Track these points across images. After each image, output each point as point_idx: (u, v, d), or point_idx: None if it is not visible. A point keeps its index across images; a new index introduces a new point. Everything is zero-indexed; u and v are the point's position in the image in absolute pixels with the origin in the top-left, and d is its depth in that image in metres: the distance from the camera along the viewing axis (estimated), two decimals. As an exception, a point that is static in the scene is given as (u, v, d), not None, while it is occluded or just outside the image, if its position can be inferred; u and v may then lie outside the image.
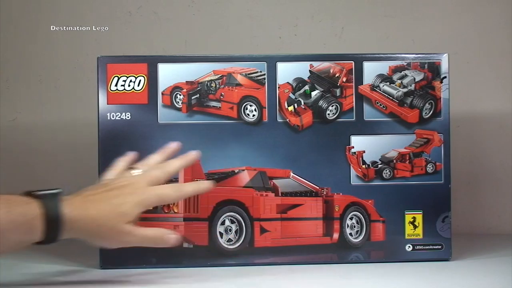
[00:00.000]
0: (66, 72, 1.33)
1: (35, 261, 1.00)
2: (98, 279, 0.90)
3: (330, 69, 1.01)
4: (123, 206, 0.83)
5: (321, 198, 1.00)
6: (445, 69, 1.01)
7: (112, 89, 0.98)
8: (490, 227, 1.32)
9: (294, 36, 1.34)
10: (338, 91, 1.01)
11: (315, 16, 1.34)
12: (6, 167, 1.31)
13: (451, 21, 1.33)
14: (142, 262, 0.96)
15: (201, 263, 0.96)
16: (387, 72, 1.01)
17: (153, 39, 1.33)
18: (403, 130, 1.01)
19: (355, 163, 1.00)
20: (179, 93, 0.99)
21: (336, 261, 1.00)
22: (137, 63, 0.99)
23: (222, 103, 0.99)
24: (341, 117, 1.00)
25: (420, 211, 1.01)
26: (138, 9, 1.34)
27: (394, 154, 1.01)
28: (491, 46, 1.33)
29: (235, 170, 0.99)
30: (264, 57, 1.00)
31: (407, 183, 1.01)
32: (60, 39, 1.33)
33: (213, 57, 1.01)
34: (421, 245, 1.01)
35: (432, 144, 1.01)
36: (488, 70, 1.33)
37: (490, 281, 0.87)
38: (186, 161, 0.92)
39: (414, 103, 1.01)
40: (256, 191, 0.99)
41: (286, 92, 1.00)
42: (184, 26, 1.33)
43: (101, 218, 0.82)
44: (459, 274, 0.92)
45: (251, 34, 1.33)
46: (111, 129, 0.98)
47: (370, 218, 1.00)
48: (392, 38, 1.33)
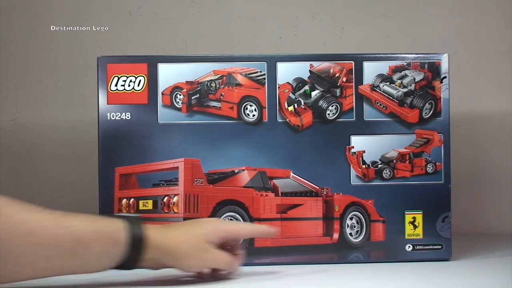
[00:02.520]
0: (66, 72, 1.33)
1: (35, 261, 1.00)
2: (98, 279, 0.90)
3: (330, 69, 1.01)
4: (203, 227, 0.86)
5: (321, 198, 1.00)
6: (445, 69, 1.01)
7: (112, 89, 0.98)
8: (490, 227, 1.32)
9: (294, 36, 1.34)
10: (338, 91, 1.01)
11: (315, 16, 1.34)
12: (6, 167, 1.31)
13: (451, 21, 1.33)
14: (142, 262, 0.96)
15: (201, 263, 0.96)
16: (387, 72, 1.01)
17: (153, 39, 1.33)
18: (403, 130, 1.01)
19: (355, 163, 1.00)
20: (179, 93, 0.99)
21: (336, 261, 1.00)
22: (137, 63, 0.99)
23: (222, 103, 0.99)
24: (341, 117, 1.00)
25: (420, 211, 1.01)
26: (138, 9, 1.34)
27: (394, 154, 1.01)
28: (491, 46, 1.33)
29: (235, 170, 0.99)
30: (264, 57, 1.00)
31: (407, 183, 1.01)
32: (60, 39, 1.33)
33: (213, 57, 1.01)
34: (421, 245, 1.01)
35: (432, 144, 1.01)
36: (488, 70, 1.33)
37: (490, 281, 0.87)
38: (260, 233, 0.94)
39: (414, 103, 1.01)
40: (256, 191, 0.99)
41: (286, 92, 1.00)
42: (184, 26, 1.33)
43: (182, 237, 0.84)
44: (459, 274, 0.92)
45: (251, 34, 1.34)
46: (111, 129, 0.98)
47: (370, 218, 1.00)
48: (392, 38, 1.33)
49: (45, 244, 0.76)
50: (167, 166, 0.98)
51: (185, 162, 0.97)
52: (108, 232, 0.79)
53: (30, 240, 0.75)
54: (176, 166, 0.97)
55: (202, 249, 0.84)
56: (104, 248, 0.79)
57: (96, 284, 0.86)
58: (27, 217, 0.76)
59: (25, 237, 0.75)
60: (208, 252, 0.84)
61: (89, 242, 0.78)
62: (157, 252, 0.82)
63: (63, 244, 0.77)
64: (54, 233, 0.76)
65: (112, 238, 0.79)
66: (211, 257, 0.85)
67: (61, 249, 0.77)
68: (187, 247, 0.84)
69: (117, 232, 0.80)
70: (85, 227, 0.78)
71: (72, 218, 0.78)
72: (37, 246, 0.76)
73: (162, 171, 0.98)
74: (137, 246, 0.81)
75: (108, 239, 0.79)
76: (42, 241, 0.76)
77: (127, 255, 0.80)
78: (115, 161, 0.97)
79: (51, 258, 0.77)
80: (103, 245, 0.79)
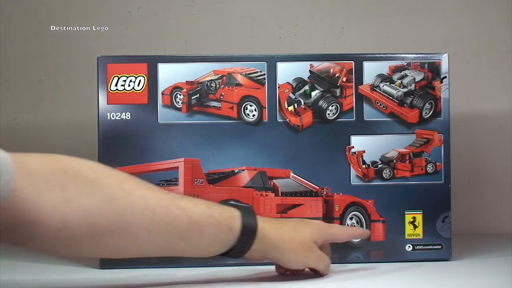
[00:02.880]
0: (66, 72, 1.33)
1: (35, 261, 1.00)
2: (98, 279, 0.90)
3: (330, 69, 1.01)
4: (310, 227, 0.87)
5: (321, 198, 1.00)
6: (445, 69, 1.01)
7: (112, 89, 0.98)
8: (490, 227, 1.32)
9: (294, 36, 1.34)
10: (338, 91, 1.01)
11: (315, 16, 1.34)
12: (6, 167, 1.31)
13: (451, 21, 1.33)
14: (142, 262, 0.96)
15: (201, 263, 0.96)
16: (387, 72, 1.01)
17: (153, 39, 1.33)
18: (403, 130, 1.01)
19: (355, 163, 1.00)
20: (179, 93, 0.99)
21: (336, 261, 0.99)
22: (137, 63, 0.99)
23: (222, 103, 0.99)
24: (341, 117, 1.00)
25: (420, 211, 1.01)
26: (138, 9, 1.34)
27: (394, 154, 1.01)
28: (491, 46, 1.33)
29: (235, 170, 0.99)
30: (264, 57, 1.00)
31: (407, 183, 1.01)
32: (60, 39, 1.33)
33: (213, 57, 1.01)
34: (421, 245, 1.01)
35: (432, 144, 1.01)
36: (488, 70, 1.33)
37: (490, 281, 0.87)
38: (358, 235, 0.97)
39: (414, 103, 1.01)
40: (256, 191, 0.99)
41: (286, 92, 1.00)
42: (184, 26, 1.33)
43: (291, 233, 0.85)
44: (459, 274, 0.92)
45: (251, 34, 1.34)
46: (111, 129, 0.98)
47: (370, 218, 1.00)
48: (392, 38, 1.33)
49: (163, 223, 0.76)
50: (167, 166, 0.98)
51: (185, 162, 0.97)
52: (224, 219, 0.80)
53: (150, 217, 0.75)
54: (176, 166, 0.98)
55: (308, 248, 0.85)
56: (217, 233, 0.79)
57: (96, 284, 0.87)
58: (147, 194, 0.76)
59: (145, 213, 0.75)
60: (313, 252, 0.86)
61: (204, 226, 0.78)
62: (265, 244, 0.83)
63: (179, 225, 0.77)
64: (173, 213, 0.77)
65: (226, 225, 0.80)
66: (315, 257, 0.86)
67: (177, 229, 0.77)
68: (295, 244, 0.84)
69: (231, 220, 0.80)
70: (202, 211, 0.79)
71: (188, 201, 0.79)
72: (156, 224, 0.76)
73: (162, 171, 0.98)
74: (248, 236, 0.81)
75: (223, 226, 0.80)
76: (161, 219, 0.76)
77: (237, 243, 0.81)
78: (115, 161, 0.97)
79: (167, 237, 0.77)
80: (217, 231, 0.79)
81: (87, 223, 0.72)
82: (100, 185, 0.74)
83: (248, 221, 0.81)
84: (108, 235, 0.74)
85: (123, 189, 0.75)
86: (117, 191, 0.74)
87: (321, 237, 0.87)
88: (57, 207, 0.70)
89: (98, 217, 0.73)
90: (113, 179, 0.75)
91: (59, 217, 0.70)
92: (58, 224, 0.71)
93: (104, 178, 0.75)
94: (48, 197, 0.70)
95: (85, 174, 0.74)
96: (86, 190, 0.72)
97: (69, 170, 0.73)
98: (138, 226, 0.75)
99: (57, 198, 0.71)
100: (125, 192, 0.75)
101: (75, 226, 0.71)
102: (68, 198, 0.71)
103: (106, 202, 0.73)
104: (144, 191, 0.76)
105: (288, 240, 0.84)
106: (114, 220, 0.73)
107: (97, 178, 0.74)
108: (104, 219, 0.73)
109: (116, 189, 0.74)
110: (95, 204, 0.72)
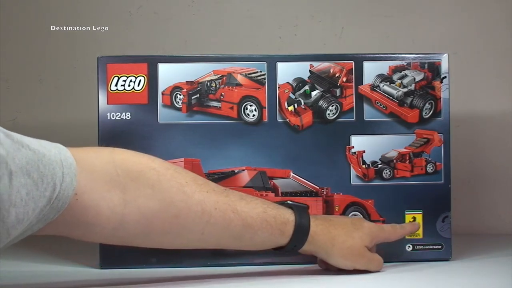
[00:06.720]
0: (66, 72, 1.34)
1: (35, 261, 1.00)
2: (98, 279, 0.90)
3: (330, 69, 1.01)
4: (362, 230, 0.89)
5: (321, 198, 1.00)
6: (445, 69, 1.01)
7: (112, 89, 0.98)
8: (490, 227, 1.32)
9: (294, 36, 1.34)
10: (338, 91, 1.01)
11: (315, 16, 1.34)
12: (6, 167, 1.31)
13: (451, 21, 1.33)
14: (142, 262, 0.96)
15: (201, 263, 0.96)
16: (387, 72, 1.01)
17: (153, 39, 1.33)
18: (403, 130, 1.01)
19: (355, 163, 1.00)
20: (179, 93, 0.99)
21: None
22: (137, 63, 0.99)
23: (222, 103, 0.99)
24: (341, 117, 1.00)
25: (420, 211, 1.01)
26: (138, 9, 1.34)
27: (394, 154, 1.01)
28: (491, 46, 1.33)
29: (235, 170, 0.99)
30: (264, 57, 1.00)
31: (407, 183, 1.01)
32: (60, 39, 1.33)
33: (213, 57, 1.01)
34: (421, 245, 1.01)
35: (432, 144, 1.01)
36: (488, 70, 1.33)
37: (490, 281, 0.87)
38: (408, 233, 0.98)
39: (414, 103, 1.01)
40: (256, 191, 0.99)
41: (286, 92, 1.00)
42: (184, 26, 1.33)
43: (342, 237, 0.87)
44: (459, 274, 0.92)
45: (251, 34, 1.34)
46: (111, 129, 0.98)
47: (370, 218, 1.00)
48: (392, 38, 1.33)
49: (218, 225, 0.80)
50: (167, 166, 0.98)
51: (185, 162, 0.97)
52: (277, 224, 0.83)
53: (205, 220, 0.79)
54: (176, 166, 0.97)
55: (357, 253, 0.88)
56: (269, 236, 0.83)
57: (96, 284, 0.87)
58: (206, 198, 0.79)
59: (201, 217, 0.78)
60: (362, 256, 0.88)
61: (257, 230, 0.82)
62: (316, 246, 0.86)
63: (233, 228, 0.81)
64: (228, 218, 0.80)
65: (279, 230, 0.83)
66: (364, 261, 0.88)
67: (231, 232, 0.81)
68: (344, 248, 0.87)
69: (285, 225, 0.84)
70: (256, 215, 0.82)
71: (245, 204, 0.82)
72: (211, 226, 0.79)
73: (162, 171, 0.98)
74: (299, 240, 0.85)
75: (275, 230, 0.83)
76: (216, 222, 0.79)
77: (288, 245, 0.85)
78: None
79: (220, 237, 0.81)
80: (269, 234, 0.83)
81: (143, 224, 0.74)
82: (160, 188, 0.75)
83: (300, 225, 0.84)
84: (162, 235, 0.77)
85: (183, 192, 0.77)
86: (177, 195, 0.77)
87: (373, 241, 0.90)
88: (115, 210, 0.72)
89: (155, 219, 0.75)
90: (174, 182, 0.78)
91: (117, 218, 0.72)
92: (114, 225, 0.73)
93: (165, 181, 0.77)
94: (108, 199, 0.72)
95: (147, 176, 0.76)
96: (146, 192, 0.74)
97: (132, 171, 0.75)
98: (193, 229, 0.78)
99: (117, 200, 0.72)
100: (184, 195, 0.77)
101: (130, 227, 0.74)
102: (127, 200, 0.73)
103: (165, 205, 0.75)
104: (203, 194, 0.79)
105: (337, 244, 0.86)
106: (170, 222, 0.77)
107: (158, 180, 0.76)
108: (160, 221, 0.76)
109: (176, 193, 0.77)
110: (153, 207, 0.74)
